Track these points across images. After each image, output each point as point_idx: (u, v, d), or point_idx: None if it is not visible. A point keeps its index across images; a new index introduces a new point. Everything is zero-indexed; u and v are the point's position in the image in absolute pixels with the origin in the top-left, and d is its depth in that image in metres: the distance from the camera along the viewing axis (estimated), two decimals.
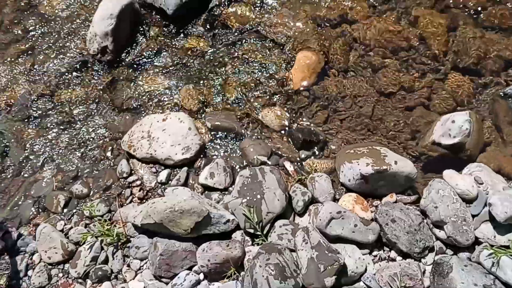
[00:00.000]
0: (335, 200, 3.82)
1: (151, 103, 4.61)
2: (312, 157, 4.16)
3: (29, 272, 3.80)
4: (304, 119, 4.40)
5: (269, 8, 5.07)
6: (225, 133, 4.34)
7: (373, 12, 4.97)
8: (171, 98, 4.61)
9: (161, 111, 4.51)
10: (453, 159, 4.01)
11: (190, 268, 3.57)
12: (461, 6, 4.93)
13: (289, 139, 4.27)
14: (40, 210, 4.12)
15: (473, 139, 3.99)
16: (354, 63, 4.70)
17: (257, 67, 4.72)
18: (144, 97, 4.65)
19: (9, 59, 5.05)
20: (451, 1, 4.95)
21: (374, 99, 4.49)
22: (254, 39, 4.91)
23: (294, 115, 4.43)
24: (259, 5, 5.09)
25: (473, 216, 3.52)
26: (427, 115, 4.37)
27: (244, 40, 4.91)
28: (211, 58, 4.84)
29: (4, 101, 4.79)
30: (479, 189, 3.62)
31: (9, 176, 4.34)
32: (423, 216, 3.64)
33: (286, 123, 4.36)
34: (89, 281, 3.68)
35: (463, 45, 4.65)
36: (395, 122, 4.36)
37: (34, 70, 4.95)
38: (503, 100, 4.31)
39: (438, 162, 4.05)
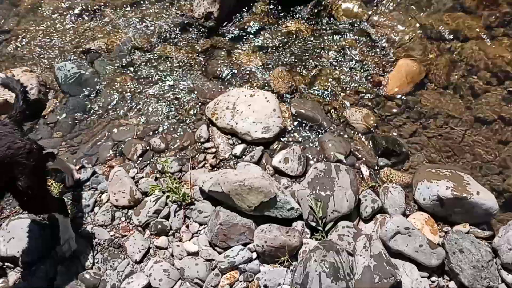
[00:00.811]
0: (404, 215, 3.70)
1: (242, 76, 4.65)
2: (390, 167, 4.03)
3: (96, 209, 3.97)
4: (391, 127, 4.27)
5: (381, 8, 4.93)
6: (308, 122, 4.30)
7: (488, 34, 4.71)
8: (263, 76, 4.62)
9: (250, 87, 4.54)
10: None
11: (245, 244, 3.59)
12: None
13: (371, 143, 4.17)
14: (118, 154, 4.28)
15: None
16: (455, 82, 4.49)
17: (354, 64, 4.63)
18: (237, 70, 4.70)
19: (118, 4, 5.26)
20: None
21: (468, 124, 4.28)
22: (358, 35, 4.81)
23: (381, 120, 4.31)
24: (371, 2, 4.97)
25: None
26: None
27: (347, 34, 4.82)
28: (310, 45, 4.80)
29: (106, 44, 4.99)
30: None
31: (96, 116, 4.54)
32: (493, 254, 3.44)
33: (372, 127, 4.25)
34: (147, 231, 3.80)
35: None
36: (485, 153, 4.14)
37: (139, 21, 5.12)
38: None
39: None
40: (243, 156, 4.13)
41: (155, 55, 4.87)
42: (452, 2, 4.94)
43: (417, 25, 4.76)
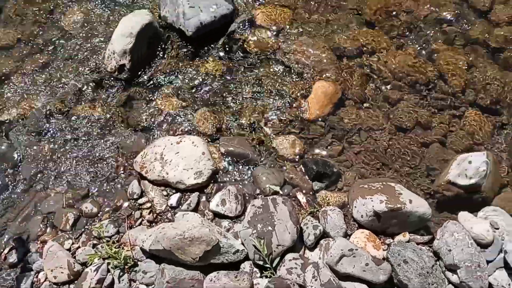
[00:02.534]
0: (346, 235, 3.77)
1: (165, 124, 4.59)
2: (325, 190, 4.11)
3: None
4: (319, 150, 4.36)
5: (289, 35, 5.06)
6: (239, 159, 4.31)
7: (393, 44, 4.96)
8: (186, 120, 4.59)
9: (175, 133, 4.49)
10: (468, 200, 3.96)
11: None
12: (481, 43, 4.91)
13: (303, 169, 4.23)
14: (49, 227, 4.09)
15: (489, 181, 3.94)
16: (371, 96, 4.67)
17: (273, 94, 4.71)
18: (159, 118, 4.64)
19: (27, 71, 5.07)
20: (471, 38, 4.93)
21: (390, 133, 4.46)
22: (272, 65, 4.90)
23: (308, 145, 4.39)
24: (278, 31, 5.09)
25: (488, 262, 3.45)
26: (443, 152, 4.33)
27: (262, 66, 4.91)
28: (228, 82, 4.84)
29: (19, 113, 4.79)
30: (495, 234, 3.56)
31: (19, 190, 4.32)
32: (436, 258, 3.57)
33: (301, 152, 4.32)
34: None
35: (482, 83, 4.62)
36: (410, 158, 4.31)
37: (51, 84, 4.96)
38: None
39: (453, 202, 4.00)
40: (180, 206, 4.07)
41: (73, 116, 4.72)
42: (356, 19, 5.16)
43: (326, 46, 4.92)
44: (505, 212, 3.80)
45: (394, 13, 5.14)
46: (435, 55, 4.85)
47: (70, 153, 4.48)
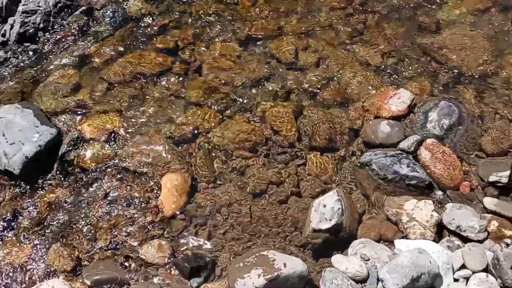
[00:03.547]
0: None
1: (18, 277, 4.17)
2: (206, 283, 4.00)
3: None
4: (187, 244, 4.27)
5: (122, 139, 4.98)
6: (109, 284, 4.04)
7: (223, 117, 5.12)
8: (39, 265, 4.22)
9: (33, 284, 4.08)
10: (337, 241, 4.13)
11: None
12: (300, 90, 5.29)
13: (177, 270, 4.09)
14: None
15: (348, 215, 4.16)
16: (220, 172, 4.74)
17: (125, 203, 4.55)
18: (7, 272, 4.20)
19: None
20: (288, 87, 5.30)
21: (249, 202, 4.53)
22: (115, 174, 4.75)
23: (175, 242, 4.28)
24: (110, 139, 4.98)
25: None
26: (302, 202, 4.50)
27: (104, 179, 4.74)
28: (74, 207, 4.58)
29: None
30: (368, 265, 3.73)
31: None
32: None
33: (170, 254, 4.18)
34: None
35: (312, 126, 4.95)
36: (274, 219, 4.41)
37: None
38: (361, 169, 4.59)
39: (325, 247, 4.13)
40: None
41: None
42: (179, 103, 5.27)
43: (161, 138, 4.92)
44: (370, 240, 4.02)
45: (214, 88, 5.34)
46: (264, 114, 5.10)
47: None
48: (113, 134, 5.01)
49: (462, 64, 5.37)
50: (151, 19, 6.10)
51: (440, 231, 4.11)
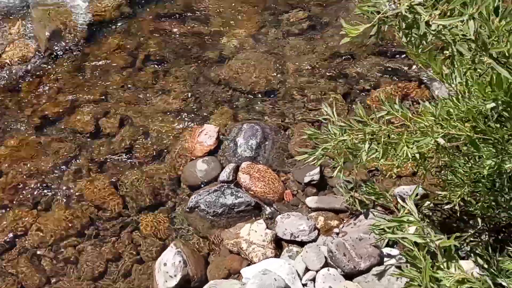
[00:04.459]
0: None
1: None
2: None
3: None
4: None
5: None
6: None
7: (38, 212, 4.77)
8: None
9: None
10: None
11: None
12: (111, 157, 5.16)
13: None
14: None
15: (192, 264, 4.13)
16: (51, 269, 4.40)
17: None
18: None
19: None
20: (98, 159, 5.15)
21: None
22: None
23: None
24: None
25: None
26: (144, 269, 4.36)
27: None
28: None
29: None
30: None
31: None
32: None
33: None
34: None
35: (134, 189, 4.86)
36: None
37: None
38: (192, 213, 4.61)
39: None
40: None
41: None
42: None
43: None
44: (218, 280, 4.04)
45: (19, 184, 4.97)
46: (83, 192, 4.87)
47: None
48: None
49: (253, 85, 5.73)
50: None
51: (279, 245, 4.30)
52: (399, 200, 3.60)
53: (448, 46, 2.24)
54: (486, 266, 3.62)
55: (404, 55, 5.68)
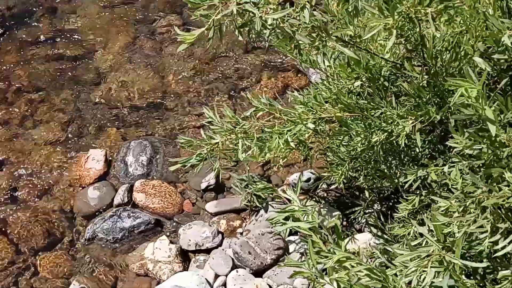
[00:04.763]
0: None
1: None
2: None
3: None
4: None
5: None
6: None
7: None
8: None
9: None
10: None
11: None
12: None
13: None
14: None
15: None
16: None
17: None
18: None
19: None
20: None
21: None
22: None
23: None
24: None
25: None
26: None
27: None
28: None
29: None
30: None
31: None
32: None
33: None
34: None
35: (25, 234, 4.56)
36: None
37: None
38: (92, 244, 4.41)
39: None
40: None
41: None
42: None
43: None
44: None
45: None
46: None
47: None
48: None
49: (135, 100, 5.58)
50: None
51: (186, 257, 4.23)
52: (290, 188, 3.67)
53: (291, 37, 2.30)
54: (380, 234, 3.82)
55: None
